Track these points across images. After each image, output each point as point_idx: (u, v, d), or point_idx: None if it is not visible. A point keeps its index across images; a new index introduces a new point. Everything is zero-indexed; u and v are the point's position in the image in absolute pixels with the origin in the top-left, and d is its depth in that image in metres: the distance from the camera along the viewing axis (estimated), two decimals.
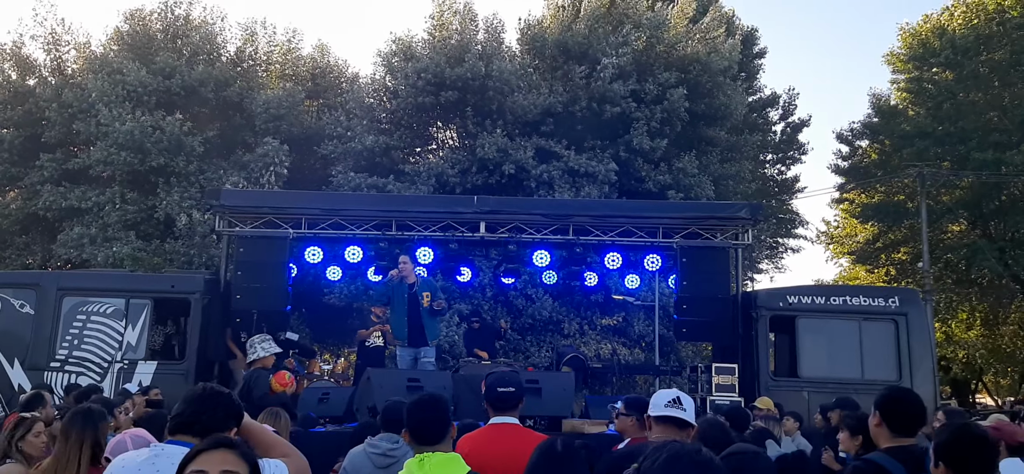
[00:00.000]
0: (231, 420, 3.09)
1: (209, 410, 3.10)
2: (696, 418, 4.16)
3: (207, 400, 3.14)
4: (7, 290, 12.20)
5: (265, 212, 13.16)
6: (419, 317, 11.45)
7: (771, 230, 28.46)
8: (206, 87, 20.37)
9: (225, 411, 3.11)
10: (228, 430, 2.99)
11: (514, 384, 4.71)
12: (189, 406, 3.13)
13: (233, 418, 3.11)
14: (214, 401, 3.14)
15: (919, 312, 12.63)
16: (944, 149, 26.69)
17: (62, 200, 19.47)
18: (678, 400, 4.04)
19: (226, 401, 3.18)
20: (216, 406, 3.12)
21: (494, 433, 4.57)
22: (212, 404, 3.12)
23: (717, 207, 15.24)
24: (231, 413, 3.13)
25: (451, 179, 18.88)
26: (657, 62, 20.43)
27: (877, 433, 3.99)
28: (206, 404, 3.13)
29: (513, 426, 4.59)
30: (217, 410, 3.09)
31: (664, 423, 4.03)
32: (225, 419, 3.08)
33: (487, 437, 4.58)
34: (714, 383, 11.99)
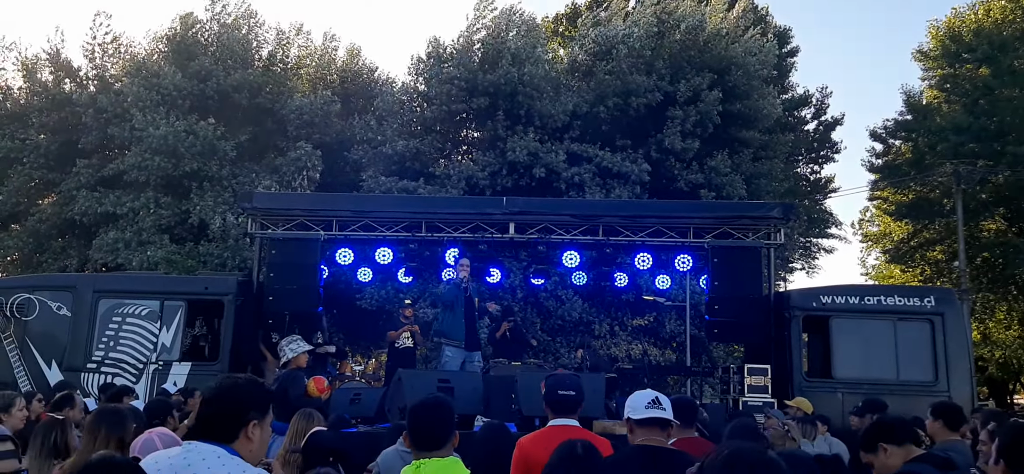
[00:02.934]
0: (253, 412, 2.86)
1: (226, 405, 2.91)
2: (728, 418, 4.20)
3: (222, 396, 2.95)
4: (44, 293, 12.40)
5: (297, 214, 13.25)
6: (473, 320, 11.43)
7: (804, 229, 28.17)
8: (240, 93, 20.57)
9: (241, 404, 2.88)
10: (248, 423, 2.83)
11: (574, 388, 4.73)
12: (206, 407, 2.98)
13: (255, 409, 2.88)
14: (228, 395, 2.93)
15: (955, 312, 12.41)
16: (979, 145, 26.26)
17: (98, 205, 19.75)
18: (657, 400, 4.12)
19: (242, 393, 2.94)
20: (231, 400, 2.91)
21: (554, 434, 4.55)
22: (229, 398, 2.93)
23: (748, 206, 15.12)
24: (252, 404, 2.89)
25: (481, 182, 18.91)
26: (691, 64, 20.31)
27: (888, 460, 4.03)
28: (218, 401, 2.94)
29: (573, 428, 4.59)
30: (232, 404, 2.89)
31: (646, 425, 4.09)
32: (245, 410, 2.87)
33: (547, 438, 4.55)
34: (746, 384, 11.89)
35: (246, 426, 2.80)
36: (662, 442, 4.14)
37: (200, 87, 20.16)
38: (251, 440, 2.82)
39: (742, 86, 20.61)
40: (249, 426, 2.81)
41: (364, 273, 14.76)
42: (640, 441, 4.13)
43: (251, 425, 2.81)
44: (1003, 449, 3.19)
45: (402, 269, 14.72)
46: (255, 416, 2.84)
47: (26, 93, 22.39)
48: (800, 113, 30.45)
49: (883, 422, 4.35)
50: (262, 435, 2.88)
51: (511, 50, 19.57)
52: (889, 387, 11.10)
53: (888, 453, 4.21)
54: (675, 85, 19.70)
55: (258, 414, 2.86)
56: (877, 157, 31.34)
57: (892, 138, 30.77)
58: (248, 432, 2.81)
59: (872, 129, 31.02)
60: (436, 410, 3.90)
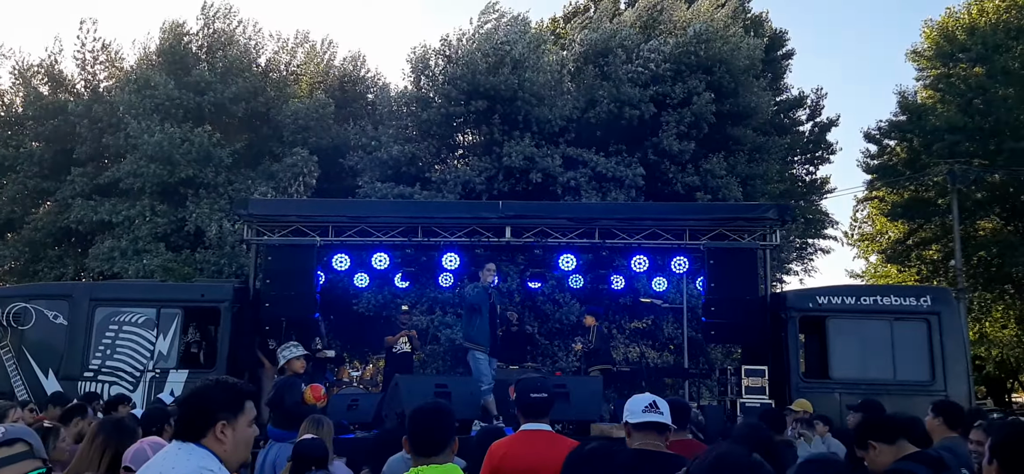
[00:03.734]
0: (221, 412, 2.84)
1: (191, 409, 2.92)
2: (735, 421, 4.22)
3: (190, 398, 2.97)
4: (41, 301, 12.36)
5: (292, 220, 13.23)
6: (496, 325, 11.28)
7: (800, 231, 28.20)
8: (236, 104, 20.57)
9: (206, 406, 2.87)
10: (216, 423, 2.81)
11: (546, 390, 4.69)
12: (179, 410, 3.00)
13: (222, 410, 2.85)
14: (195, 397, 2.93)
15: (952, 311, 12.41)
16: (974, 145, 26.32)
17: (93, 214, 19.72)
18: (654, 404, 4.10)
19: (209, 395, 2.89)
20: (198, 402, 2.90)
21: (526, 439, 4.54)
22: (195, 399, 2.92)
23: (744, 208, 15.12)
24: (219, 405, 2.86)
25: (477, 187, 18.91)
26: (689, 68, 20.33)
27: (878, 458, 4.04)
28: (186, 402, 2.99)
29: (545, 432, 4.57)
30: (198, 405, 2.88)
31: (643, 429, 4.08)
32: (212, 411, 2.85)
33: (520, 443, 4.54)
34: (744, 385, 11.87)
35: (214, 426, 2.80)
36: (659, 446, 4.14)
37: (197, 100, 20.14)
38: (222, 441, 2.81)
39: (728, 83, 20.61)
40: (218, 427, 2.80)
41: (361, 278, 14.75)
42: (637, 445, 4.14)
43: (220, 426, 2.81)
44: (995, 447, 3.19)
45: (399, 274, 14.72)
46: (224, 417, 2.83)
47: (21, 101, 22.38)
48: (795, 114, 30.51)
49: (872, 420, 4.35)
50: (235, 436, 2.85)
51: (514, 56, 19.57)
52: (886, 387, 11.09)
53: (878, 451, 4.22)
54: (672, 87, 19.70)
55: (227, 415, 2.84)
56: (872, 158, 31.41)
57: (887, 139, 30.83)
58: (217, 432, 2.80)
59: (866, 131, 31.11)
60: (436, 415, 3.89)
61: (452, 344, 17.71)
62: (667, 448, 4.31)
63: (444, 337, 17.73)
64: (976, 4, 28.43)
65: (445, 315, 17.90)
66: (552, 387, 4.79)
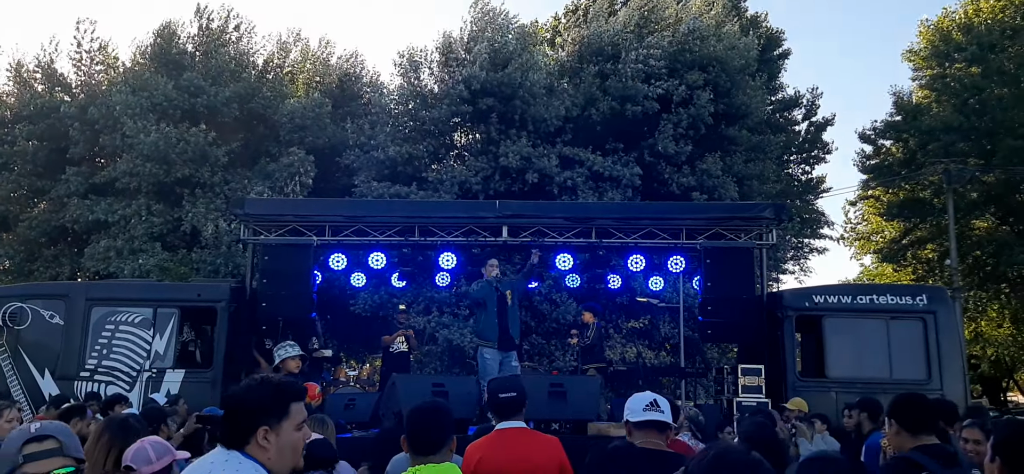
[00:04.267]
0: (263, 418, 2.68)
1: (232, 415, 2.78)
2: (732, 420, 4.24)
3: (232, 401, 2.80)
4: (37, 301, 12.35)
5: (289, 220, 13.22)
6: (506, 319, 11.12)
7: (796, 230, 28.24)
8: (230, 106, 20.55)
9: (247, 411, 2.71)
10: (258, 430, 2.65)
11: (515, 389, 4.69)
12: (223, 411, 2.83)
13: (265, 415, 2.69)
14: (236, 400, 2.77)
15: (947, 310, 12.44)
16: (970, 144, 26.39)
17: (89, 213, 19.69)
18: (655, 403, 4.14)
19: (250, 399, 2.74)
20: (238, 406, 2.74)
21: (501, 438, 4.56)
22: (236, 403, 2.77)
23: (740, 207, 15.14)
24: (261, 410, 2.70)
25: (474, 186, 18.91)
26: (685, 65, 20.34)
27: (898, 441, 4.02)
28: (228, 405, 2.81)
29: (520, 430, 4.59)
30: (239, 410, 2.73)
31: (644, 428, 4.11)
32: (253, 417, 2.70)
33: (495, 443, 4.55)
34: (740, 384, 11.88)
35: (255, 433, 2.64)
36: (660, 445, 4.17)
37: (191, 101, 20.12)
38: (265, 447, 2.65)
39: (724, 83, 20.63)
40: (259, 433, 2.64)
41: (358, 278, 14.74)
42: (639, 443, 4.16)
43: (262, 432, 2.65)
44: (998, 445, 3.20)
45: (396, 274, 14.72)
46: (266, 422, 2.66)
47: (15, 99, 22.33)
48: (791, 114, 30.53)
49: (909, 404, 4.27)
50: (279, 442, 2.68)
51: (507, 53, 19.56)
52: (883, 386, 11.09)
53: (900, 435, 4.20)
54: (672, 85, 19.69)
55: (270, 420, 2.67)
56: (868, 158, 31.46)
57: (882, 139, 30.89)
58: (259, 439, 2.65)
59: (861, 131, 31.16)
60: (434, 415, 3.89)
61: (449, 344, 17.72)
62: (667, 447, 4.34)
63: (441, 337, 17.73)
64: (972, 3, 28.49)
65: (442, 315, 17.90)
66: (524, 387, 4.78)
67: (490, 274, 11.29)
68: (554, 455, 4.58)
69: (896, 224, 30.79)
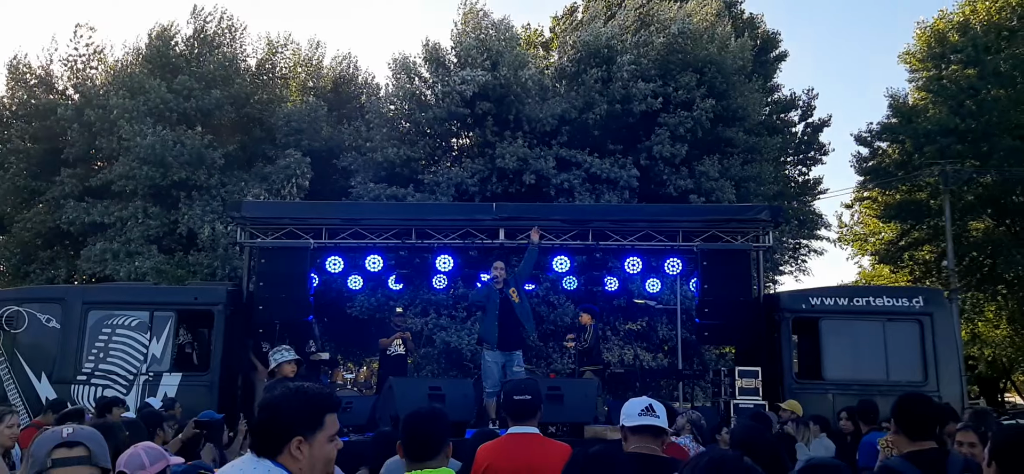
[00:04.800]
0: (297, 428, 2.61)
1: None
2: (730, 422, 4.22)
3: (265, 409, 2.72)
4: (33, 305, 12.31)
5: (286, 223, 13.22)
6: (512, 318, 10.94)
7: (793, 232, 28.25)
8: (224, 109, 20.53)
9: (280, 421, 2.64)
10: (291, 440, 2.58)
11: (531, 392, 4.60)
12: (255, 419, 2.76)
13: (299, 425, 2.62)
14: (270, 409, 2.69)
15: (944, 312, 12.46)
16: (966, 146, 26.41)
17: (85, 215, 19.67)
18: (651, 408, 4.08)
19: (284, 408, 2.66)
20: (272, 415, 2.67)
21: (513, 443, 4.48)
22: (270, 412, 2.69)
23: (737, 209, 15.16)
24: (295, 420, 2.63)
25: (471, 189, 18.90)
26: (677, 65, 20.34)
27: (897, 442, 4.03)
28: (262, 413, 2.72)
29: (532, 435, 4.50)
30: (272, 419, 2.67)
31: (639, 432, 4.06)
32: (287, 427, 2.63)
33: (507, 447, 4.47)
34: (737, 386, 11.88)
35: (289, 443, 2.57)
36: (655, 450, 4.15)
37: (184, 105, 20.12)
38: (297, 459, 2.57)
39: (720, 85, 20.62)
40: (292, 443, 2.57)
41: (354, 281, 14.73)
42: (633, 448, 4.13)
43: (295, 442, 2.57)
44: (995, 450, 3.21)
45: (393, 276, 14.70)
46: (300, 432, 2.59)
47: (11, 99, 22.32)
48: (787, 116, 30.54)
49: (902, 406, 4.29)
50: (312, 453, 2.60)
51: (496, 55, 19.56)
52: (879, 388, 11.10)
53: (899, 437, 4.20)
54: (668, 89, 19.70)
55: (303, 431, 2.59)
56: (864, 160, 31.47)
57: (878, 141, 30.90)
58: (292, 450, 2.57)
59: (857, 134, 31.18)
60: (429, 420, 3.83)
61: (446, 346, 17.71)
62: (663, 452, 4.32)
63: (438, 339, 17.72)
64: (968, 4, 28.51)
65: (439, 317, 17.89)
66: (541, 390, 4.73)
67: (494, 275, 11.18)
68: (564, 460, 4.52)
69: (893, 226, 30.80)
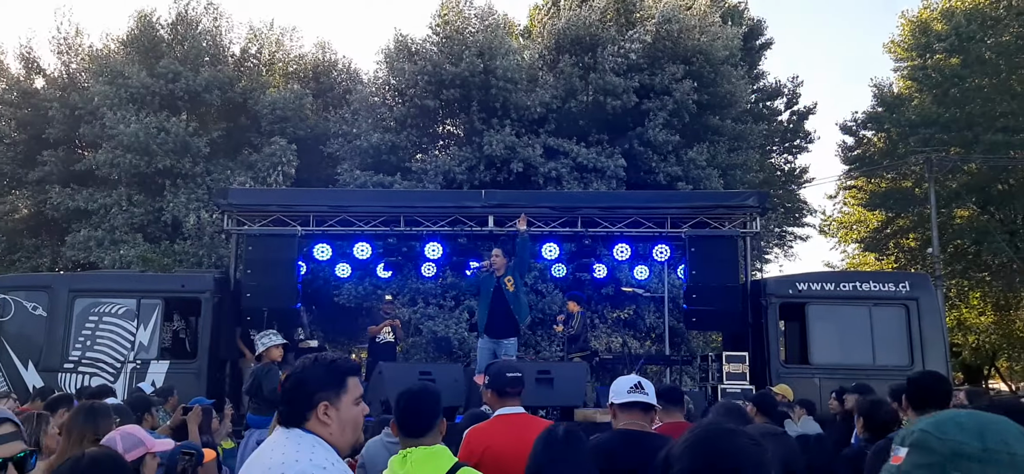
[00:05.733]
0: (321, 392, 2.68)
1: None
2: (708, 405, 4.25)
3: (290, 379, 2.78)
4: (19, 293, 12.27)
5: (273, 210, 13.19)
6: (503, 305, 10.86)
7: (779, 219, 28.39)
8: (211, 92, 20.42)
9: (305, 386, 2.71)
10: (317, 405, 2.64)
11: (521, 370, 4.70)
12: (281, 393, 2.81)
13: (323, 389, 2.69)
14: (294, 378, 2.75)
15: (930, 296, 12.57)
16: (951, 135, 26.58)
17: (70, 200, 19.59)
18: (639, 385, 4.15)
19: (308, 374, 2.73)
20: (296, 382, 2.73)
21: (506, 423, 4.50)
22: (294, 380, 2.75)
23: (725, 196, 15.22)
24: (318, 385, 2.70)
25: (458, 177, 18.87)
26: (664, 55, 20.33)
27: (906, 417, 4.12)
28: (286, 384, 2.79)
29: (522, 415, 4.55)
30: (297, 386, 2.73)
31: (629, 409, 4.13)
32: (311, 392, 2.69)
33: (501, 428, 4.50)
34: (725, 372, 11.98)
35: (315, 409, 2.64)
36: (645, 426, 4.18)
37: (169, 87, 20.00)
38: (326, 423, 2.64)
39: (708, 73, 20.63)
40: (319, 408, 2.64)
41: (343, 269, 14.71)
42: (623, 425, 4.17)
43: (322, 407, 2.64)
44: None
45: (381, 264, 14.69)
46: (325, 397, 2.66)
47: None
48: (773, 104, 30.63)
49: (914, 383, 4.37)
50: (340, 416, 2.67)
51: (475, 43, 19.52)
52: (866, 372, 11.19)
53: (908, 412, 4.28)
54: (652, 77, 19.69)
55: (329, 394, 2.67)
56: (850, 149, 31.64)
57: (863, 130, 31.06)
58: (320, 415, 2.64)
59: (842, 123, 31.34)
60: (422, 397, 3.88)
61: (434, 336, 17.70)
62: (658, 430, 4.35)
63: (426, 329, 17.71)
64: None
65: (427, 306, 17.88)
66: (524, 369, 4.77)
67: (495, 263, 11.13)
68: None
69: (878, 214, 30.99)
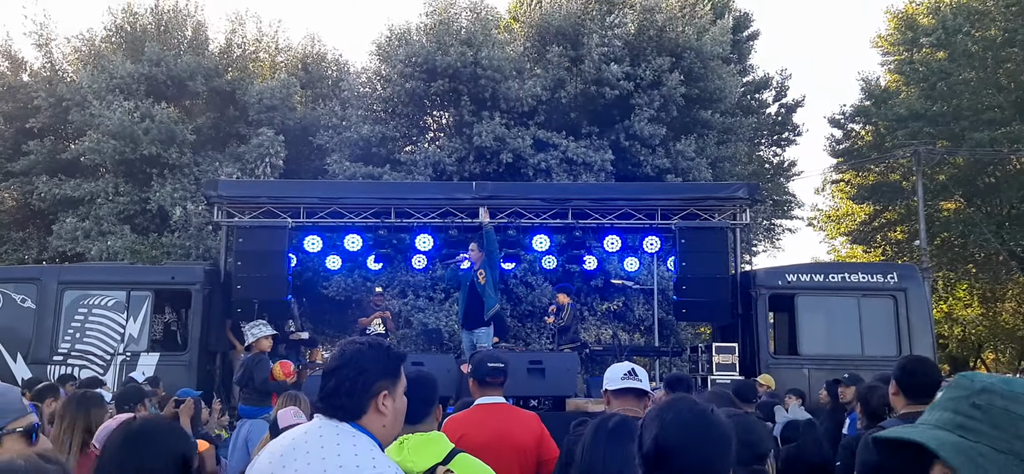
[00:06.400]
0: (382, 380, 2.45)
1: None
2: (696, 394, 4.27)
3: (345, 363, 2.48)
4: (8, 285, 12.21)
5: (263, 202, 13.16)
6: (476, 298, 10.96)
7: (767, 212, 28.46)
8: (195, 79, 20.34)
9: (366, 372, 2.46)
10: (378, 394, 2.42)
11: (503, 360, 4.72)
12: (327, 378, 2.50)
13: (384, 377, 2.47)
14: (352, 362, 2.46)
15: (918, 287, 12.65)
16: (938, 128, 26.72)
17: (56, 189, 19.52)
18: (633, 372, 4.16)
19: (368, 358, 2.47)
20: (355, 368, 2.44)
21: (482, 413, 4.55)
22: (352, 364, 2.46)
23: (715, 188, 15.27)
24: (380, 371, 2.47)
25: (448, 168, 18.86)
26: (649, 46, 20.32)
27: (895, 401, 4.13)
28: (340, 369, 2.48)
29: (500, 405, 4.59)
30: (356, 372, 2.45)
31: (623, 395, 4.12)
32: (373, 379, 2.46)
33: (476, 417, 4.55)
34: (715, 363, 12.05)
35: (376, 397, 2.41)
36: (639, 412, 4.20)
37: (153, 71, 19.93)
38: (383, 413, 2.42)
39: (698, 68, 20.63)
40: (379, 398, 2.42)
41: (333, 261, 14.68)
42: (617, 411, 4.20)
43: (382, 396, 2.42)
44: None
45: (372, 256, 14.67)
46: (385, 385, 2.44)
47: None
48: (761, 96, 30.63)
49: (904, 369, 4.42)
50: (395, 407, 2.48)
51: (463, 33, 19.50)
52: (854, 362, 11.27)
53: (898, 396, 4.30)
54: (635, 67, 19.68)
55: (388, 382, 2.46)
56: (838, 142, 31.76)
57: (851, 123, 31.18)
58: (379, 404, 2.41)
59: (830, 117, 31.44)
60: (418, 384, 3.86)
61: (425, 328, 17.71)
62: None
63: (416, 321, 17.71)
64: None
65: (417, 299, 17.88)
66: (504, 360, 4.79)
67: (472, 256, 11.20)
68: (534, 430, 4.60)
69: (866, 207, 31.14)
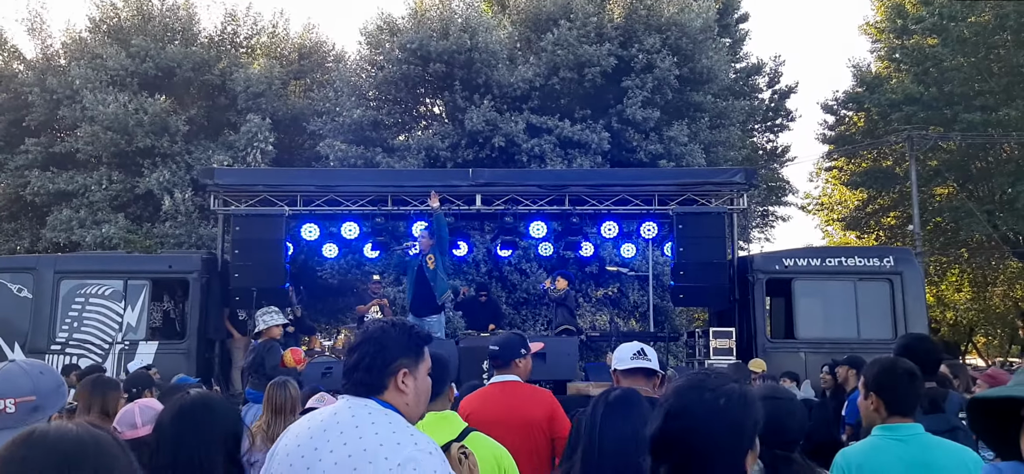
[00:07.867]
0: (402, 358, 2.49)
1: None
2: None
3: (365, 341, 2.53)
4: (4, 275, 12.17)
5: (259, 190, 13.12)
6: (425, 285, 10.98)
7: (761, 198, 28.52)
8: (183, 69, 20.27)
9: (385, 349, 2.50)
10: (398, 372, 2.46)
11: (499, 343, 4.83)
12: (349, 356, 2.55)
13: (404, 355, 2.51)
14: (371, 340, 2.52)
15: (913, 270, 12.70)
16: (930, 113, 26.80)
17: (50, 184, 19.44)
18: (642, 351, 4.18)
19: (388, 337, 2.52)
20: (375, 345, 2.50)
21: (493, 391, 4.65)
22: (372, 343, 2.51)
23: (712, 173, 15.30)
24: (399, 349, 2.51)
25: (441, 154, 18.81)
26: (639, 27, 20.20)
27: None
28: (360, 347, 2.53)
29: (514, 383, 4.64)
30: (375, 350, 2.50)
31: (632, 375, 4.15)
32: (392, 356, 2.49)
33: (489, 395, 4.64)
34: (712, 347, 12.10)
35: (395, 375, 2.45)
36: (648, 392, 4.22)
37: (142, 66, 19.86)
38: (404, 391, 2.46)
39: (686, 46, 20.52)
40: (399, 375, 2.45)
41: (330, 248, 14.66)
42: None
43: (402, 374, 2.46)
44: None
45: (369, 243, 14.65)
46: (406, 364, 2.48)
47: None
48: (754, 81, 30.62)
49: (906, 346, 4.46)
50: (417, 386, 2.51)
51: (461, 19, 19.45)
52: (850, 346, 11.31)
53: None
54: (627, 49, 19.59)
55: (409, 361, 2.49)
56: (830, 129, 31.82)
57: (844, 109, 31.24)
58: (399, 382, 2.45)
59: (823, 102, 31.49)
60: (433, 363, 3.91)
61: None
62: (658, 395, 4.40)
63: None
64: None
65: None
66: (509, 342, 4.85)
67: (422, 245, 11.17)
68: (544, 406, 4.66)
69: (859, 192, 31.23)
